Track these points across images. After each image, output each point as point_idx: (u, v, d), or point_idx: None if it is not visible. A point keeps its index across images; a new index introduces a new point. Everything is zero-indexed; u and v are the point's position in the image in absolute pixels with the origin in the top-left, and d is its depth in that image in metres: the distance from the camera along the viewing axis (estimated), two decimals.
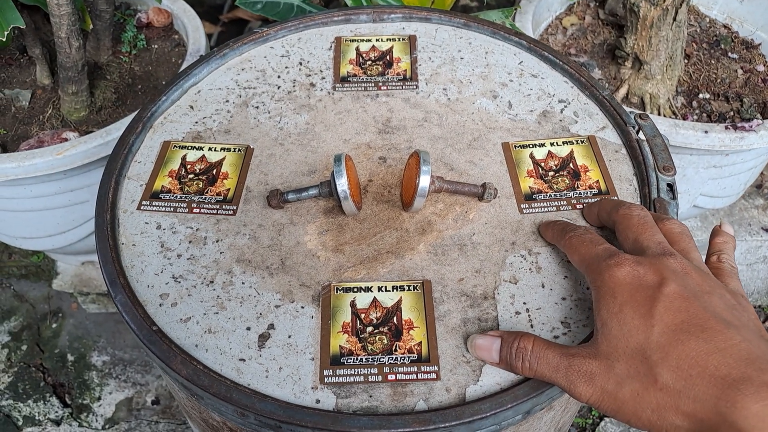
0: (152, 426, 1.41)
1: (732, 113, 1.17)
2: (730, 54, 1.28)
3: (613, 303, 0.46)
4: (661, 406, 0.42)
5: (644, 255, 0.49)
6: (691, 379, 0.41)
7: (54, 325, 1.57)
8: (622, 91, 1.20)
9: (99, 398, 1.45)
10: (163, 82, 1.24)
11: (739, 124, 1.07)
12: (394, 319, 0.56)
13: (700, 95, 1.21)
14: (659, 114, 1.18)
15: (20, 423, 1.41)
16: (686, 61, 1.26)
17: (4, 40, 0.91)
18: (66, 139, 1.08)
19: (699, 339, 0.42)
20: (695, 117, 1.17)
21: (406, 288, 0.58)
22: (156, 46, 1.31)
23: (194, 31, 1.28)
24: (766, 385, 0.38)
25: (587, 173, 0.66)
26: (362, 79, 0.77)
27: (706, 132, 1.06)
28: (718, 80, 1.23)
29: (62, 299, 1.60)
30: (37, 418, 1.42)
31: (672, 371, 0.42)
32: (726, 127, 1.07)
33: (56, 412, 1.43)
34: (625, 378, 0.44)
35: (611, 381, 0.44)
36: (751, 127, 1.07)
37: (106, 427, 1.41)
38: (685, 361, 0.41)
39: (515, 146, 0.69)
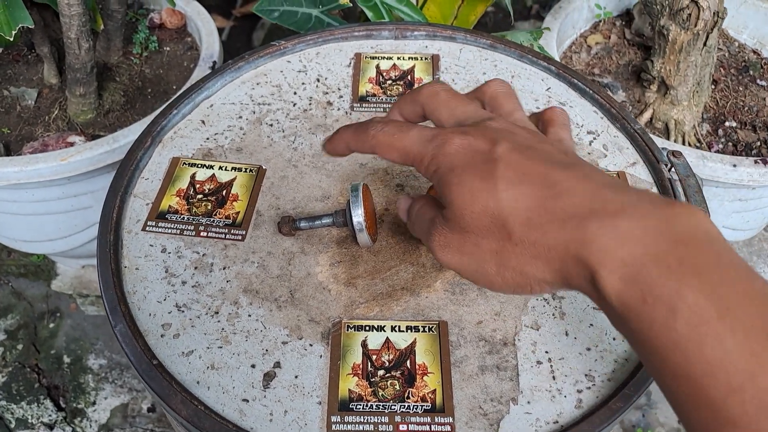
0: None
1: (759, 143, 1.14)
2: (758, 81, 1.24)
3: (453, 176, 0.42)
4: (520, 262, 0.40)
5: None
6: (542, 228, 0.38)
7: (51, 325, 1.54)
8: (647, 116, 1.17)
9: (94, 403, 1.42)
10: (174, 87, 1.21)
11: None
12: (408, 362, 0.53)
13: (727, 123, 1.17)
14: (684, 142, 1.14)
15: (12, 425, 1.38)
16: (713, 86, 1.22)
17: (11, 39, 0.88)
18: (71, 144, 1.05)
19: (542, 186, 0.39)
20: (720, 146, 1.14)
21: (421, 329, 0.55)
22: (168, 49, 1.28)
23: (208, 35, 1.24)
24: (610, 216, 0.36)
25: None
26: (382, 99, 0.74)
27: (734, 165, 1.02)
28: (746, 108, 1.19)
29: (60, 299, 1.57)
30: (30, 421, 1.39)
31: (523, 224, 0.39)
32: (755, 161, 1.03)
33: (50, 415, 1.40)
34: (480, 239, 0.41)
35: (467, 244, 0.42)
36: None
37: None
38: (534, 210, 0.39)
39: None
